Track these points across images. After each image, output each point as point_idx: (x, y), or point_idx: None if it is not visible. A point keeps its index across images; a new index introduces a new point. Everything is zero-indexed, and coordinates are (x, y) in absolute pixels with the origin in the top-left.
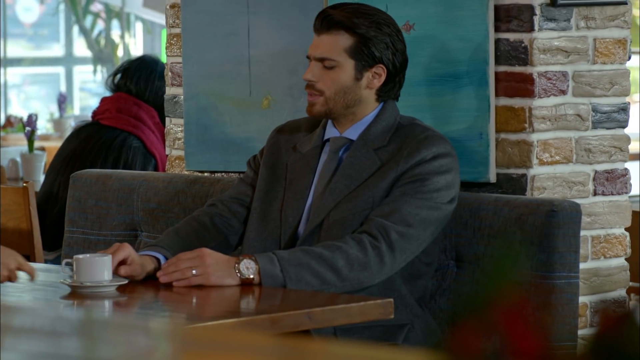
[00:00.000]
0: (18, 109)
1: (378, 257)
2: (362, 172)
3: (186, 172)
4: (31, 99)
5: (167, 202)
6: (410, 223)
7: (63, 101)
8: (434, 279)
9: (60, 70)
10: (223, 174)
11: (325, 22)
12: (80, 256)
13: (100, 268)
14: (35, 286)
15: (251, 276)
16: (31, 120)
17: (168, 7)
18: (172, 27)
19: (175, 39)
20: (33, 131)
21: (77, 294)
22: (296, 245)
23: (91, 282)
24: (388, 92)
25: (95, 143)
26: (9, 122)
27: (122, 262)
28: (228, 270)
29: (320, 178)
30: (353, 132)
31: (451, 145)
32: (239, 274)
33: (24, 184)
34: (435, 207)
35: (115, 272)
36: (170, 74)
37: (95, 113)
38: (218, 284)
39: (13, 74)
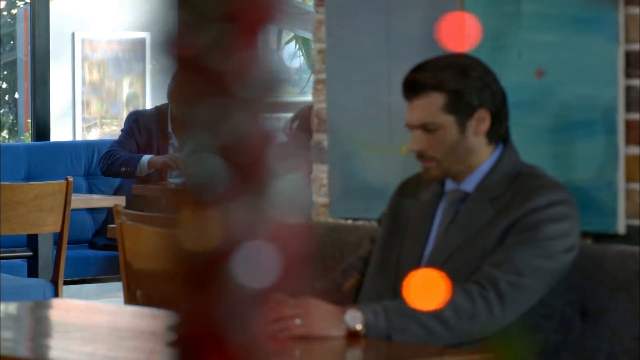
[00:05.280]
0: None
1: (487, 308)
2: (476, 223)
3: (330, 220)
4: None
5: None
6: (522, 272)
7: None
8: (559, 334)
9: None
10: (365, 221)
11: (412, 87)
12: None
13: None
14: None
15: (357, 327)
16: None
17: (316, 52)
18: (319, 72)
19: (320, 85)
20: None
21: None
22: None
23: None
24: (497, 131)
25: None
26: None
27: None
28: (333, 321)
29: (438, 230)
30: (469, 184)
31: (569, 193)
32: (344, 325)
33: None
34: (550, 256)
35: None
36: (316, 119)
37: None
38: (322, 336)
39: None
